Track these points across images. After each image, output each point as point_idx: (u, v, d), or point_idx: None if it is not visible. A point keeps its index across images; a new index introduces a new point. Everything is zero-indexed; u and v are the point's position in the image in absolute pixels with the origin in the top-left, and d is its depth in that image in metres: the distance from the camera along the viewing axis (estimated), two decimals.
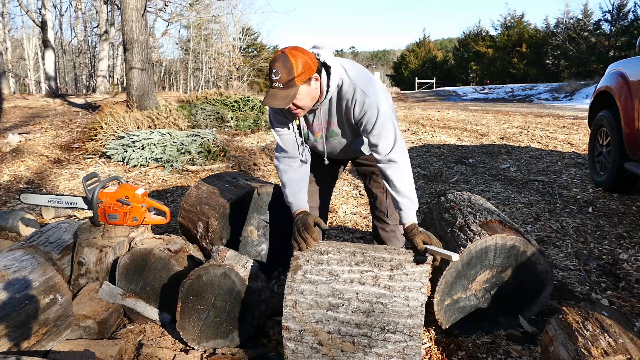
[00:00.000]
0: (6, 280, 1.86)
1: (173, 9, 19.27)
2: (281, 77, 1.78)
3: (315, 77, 1.86)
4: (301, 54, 1.81)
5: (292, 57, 1.79)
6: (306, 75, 1.81)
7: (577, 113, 11.98)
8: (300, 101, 1.86)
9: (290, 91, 1.81)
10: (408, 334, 1.63)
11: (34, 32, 28.36)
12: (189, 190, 3.01)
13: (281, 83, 1.79)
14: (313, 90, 1.88)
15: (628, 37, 26.19)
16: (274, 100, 1.81)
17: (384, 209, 2.32)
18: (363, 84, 1.93)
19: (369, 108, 1.91)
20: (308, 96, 1.87)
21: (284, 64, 1.78)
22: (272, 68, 1.80)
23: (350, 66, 2.00)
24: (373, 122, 1.93)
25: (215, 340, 2.03)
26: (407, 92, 31.99)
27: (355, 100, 1.92)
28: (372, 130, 1.95)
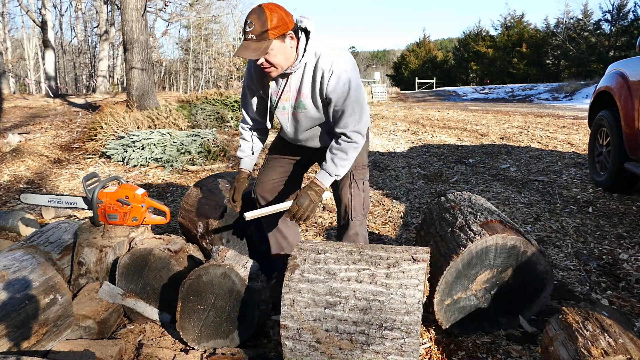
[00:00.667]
0: (6, 280, 1.86)
1: (173, 9, 19.29)
2: (254, 28, 1.77)
3: (291, 35, 1.84)
4: (278, 8, 1.80)
5: (267, 10, 1.78)
6: (280, 30, 1.80)
7: (577, 113, 11.99)
8: (274, 57, 1.84)
9: (263, 44, 1.79)
10: (405, 330, 1.63)
11: (34, 32, 28.37)
12: (189, 190, 3.01)
13: (254, 34, 1.78)
14: (287, 49, 1.86)
15: (628, 37, 26.20)
16: (245, 51, 1.80)
17: (349, 210, 2.29)
18: (342, 60, 1.92)
19: (343, 84, 1.90)
20: (282, 53, 1.85)
21: (258, 16, 1.77)
22: (247, 20, 1.80)
23: (332, 44, 1.99)
24: (344, 98, 1.92)
25: (215, 340, 2.03)
26: (407, 92, 31.98)
27: (332, 72, 1.89)
28: (339, 107, 1.94)
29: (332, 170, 2.01)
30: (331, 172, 2.01)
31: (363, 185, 2.28)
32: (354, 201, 2.27)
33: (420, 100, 23.41)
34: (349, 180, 2.24)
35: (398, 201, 4.29)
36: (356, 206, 2.27)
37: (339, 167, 2.01)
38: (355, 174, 2.24)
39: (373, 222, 3.76)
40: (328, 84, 1.91)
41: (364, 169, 2.27)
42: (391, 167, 5.69)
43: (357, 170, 2.24)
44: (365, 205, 2.31)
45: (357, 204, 2.27)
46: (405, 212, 3.99)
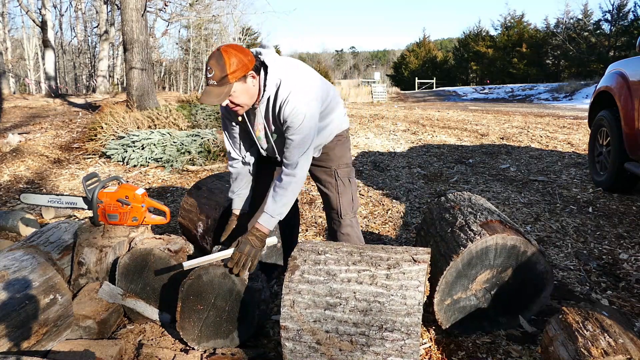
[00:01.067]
0: (6, 280, 1.86)
1: (173, 9, 19.27)
2: (214, 74, 1.80)
3: (252, 74, 1.87)
4: (235, 51, 1.82)
5: (225, 54, 1.80)
6: (240, 73, 1.82)
7: (577, 113, 11.99)
8: (237, 98, 1.88)
9: (224, 88, 1.83)
10: (406, 332, 1.63)
11: (34, 32, 28.36)
12: (189, 190, 3.01)
13: (215, 80, 1.81)
14: (250, 88, 1.89)
15: (628, 37, 26.18)
16: (208, 97, 1.83)
17: (337, 208, 2.30)
18: (300, 90, 1.93)
19: (297, 114, 1.92)
20: (245, 94, 1.88)
21: (217, 62, 1.80)
22: (207, 65, 1.83)
23: (293, 68, 2.00)
24: (295, 127, 1.93)
25: (215, 340, 2.03)
26: (407, 92, 31.99)
27: (287, 101, 1.92)
28: (290, 135, 1.96)
29: (274, 211, 1.99)
30: (273, 214, 1.99)
31: (349, 182, 2.30)
32: (341, 199, 2.28)
33: (420, 100, 23.41)
34: (334, 179, 2.27)
35: (398, 201, 4.29)
36: (344, 204, 2.29)
37: (280, 207, 1.99)
38: (339, 172, 2.26)
39: (373, 222, 3.76)
40: (284, 112, 1.94)
41: (347, 167, 2.30)
42: (391, 167, 5.69)
43: (341, 168, 2.27)
44: (354, 203, 2.33)
45: (345, 201, 2.29)
46: (405, 212, 3.99)
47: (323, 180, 2.31)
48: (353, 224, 2.34)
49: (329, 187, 2.30)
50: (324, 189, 2.32)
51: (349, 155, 2.32)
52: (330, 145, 2.24)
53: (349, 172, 2.31)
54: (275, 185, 2.02)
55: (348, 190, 2.29)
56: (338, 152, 2.27)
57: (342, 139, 2.28)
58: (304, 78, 2.00)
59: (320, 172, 2.31)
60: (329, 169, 2.28)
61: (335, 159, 2.26)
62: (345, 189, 2.28)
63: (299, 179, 2.00)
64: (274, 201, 1.99)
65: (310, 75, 2.05)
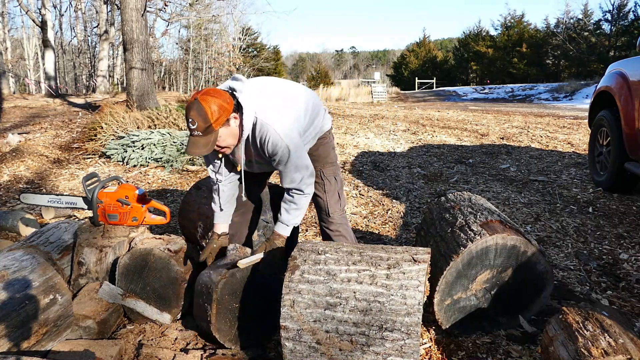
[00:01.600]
0: (6, 280, 1.86)
1: (173, 9, 19.27)
2: (198, 125, 1.80)
3: (234, 116, 1.89)
4: (213, 98, 1.83)
5: (204, 103, 1.80)
6: (223, 118, 1.84)
7: (577, 113, 11.99)
8: (223, 142, 1.91)
9: (210, 137, 1.84)
10: (406, 332, 1.63)
11: (34, 32, 28.35)
12: (189, 190, 3.01)
13: (199, 131, 1.82)
14: (234, 129, 1.91)
15: (628, 37, 26.19)
16: (196, 148, 1.85)
17: (325, 207, 2.34)
18: (276, 123, 1.94)
19: (280, 149, 1.95)
20: (230, 136, 1.91)
21: (198, 112, 1.80)
22: (188, 117, 1.82)
23: (267, 99, 2.00)
24: (285, 161, 1.98)
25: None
26: (407, 92, 31.98)
27: (267, 140, 1.94)
28: (283, 167, 2.01)
29: (288, 220, 2.11)
30: (288, 223, 2.11)
31: (335, 180, 2.32)
32: (329, 198, 2.32)
33: (420, 100, 23.41)
34: (320, 179, 2.29)
35: (398, 201, 4.29)
36: (331, 202, 2.32)
37: (294, 217, 2.11)
38: (324, 171, 2.29)
39: (373, 222, 3.76)
40: (267, 149, 1.98)
41: (333, 165, 2.32)
42: (391, 167, 5.69)
43: (327, 167, 2.29)
44: (341, 200, 2.36)
45: (333, 200, 2.32)
46: (405, 212, 3.99)
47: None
48: (342, 221, 2.38)
49: (315, 187, 2.31)
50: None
51: (333, 154, 2.35)
52: (313, 147, 2.26)
53: (334, 170, 2.33)
54: (287, 199, 2.10)
55: (334, 188, 2.32)
56: (322, 152, 2.29)
57: (325, 140, 2.29)
58: (278, 107, 2.01)
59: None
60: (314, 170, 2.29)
61: (320, 159, 2.28)
62: (332, 187, 2.31)
63: (307, 193, 2.09)
64: (287, 213, 2.10)
65: (283, 99, 2.06)
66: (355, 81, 42.42)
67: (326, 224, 2.37)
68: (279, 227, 2.12)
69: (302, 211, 2.13)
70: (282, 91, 2.11)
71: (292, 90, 2.13)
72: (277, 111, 1.99)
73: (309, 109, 2.13)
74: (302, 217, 2.17)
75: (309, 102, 2.15)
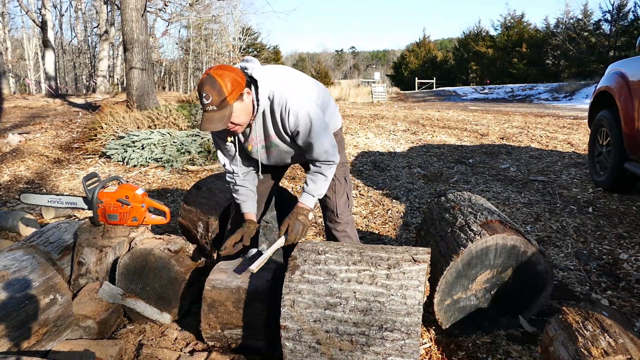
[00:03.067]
0: (6, 280, 1.86)
1: (173, 9, 19.25)
2: (212, 99, 1.77)
3: (247, 91, 1.87)
4: (227, 72, 1.81)
5: (218, 77, 1.78)
6: (237, 92, 1.81)
7: (577, 113, 11.99)
8: (237, 118, 1.87)
9: (225, 111, 1.81)
10: (406, 332, 1.63)
11: (34, 32, 28.36)
12: (189, 190, 3.01)
13: (214, 105, 1.78)
14: (247, 105, 1.89)
15: (628, 37, 26.18)
16: (210, 124, 1.81)
17: (333, 209, 2.32)
18: (294, 94, 1.94)
19: (303, 118, 1.93)
20: (243, 112, 1.88)
21: (212, 86, 1.77)
22: (201, 92, 1.79)
23: (281, 76, 2.00)
24: (308, 130, 1.95)
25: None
26: (407, 92, 31.98)
27: (288, 110, 1.92)
28: (307, 138, 1.98)
29: (314, 191, 2.07)
30: (314, 193, 2.07)
31: (345, 181, 2.32)
32: (338, 199, 2.30)
33: (420, 100, 23.41)
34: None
35: (398, 201, 4.29)
36: (340, 203, 2.31)
37: (320, 187, 2.08)
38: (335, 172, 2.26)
39: (373, 222, 3.76)
40: (289, 123, 1.95)
41: (343, 166, 2.31)
42: (391, 167, 5.69)
43: (338, 168, 2.27)
44: (350, 201, 2.35)
45: (342, 201, 2.31)
46: (405, 212, 3.99)
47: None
48: (349, 222, 2.37)
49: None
50: None
51: (343, 154, 2.34)
52: None
53: (344, 170, 2.32)
54: (312, 170, 2.07)
55: (344, 189, 2.31)
56: None
57: (336, 139, 2.28)
58: (295, 83, 2.01)
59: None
60: None
61: None
62: (342, 188, 2.30)
63: (335, 163, 2.07)
64: (314, 184, 2.06)
65: (299, 78, 2.06)
66: (355, 81, 42.44)
67: (333, 225, 2.36)
68: (304, 198, 2.07)
69: (329, 181, 2.09)
70: (294, 73, 2.10)
71: (302, 75, 2.13)
72: (295, 86, 1.98)
73: (320, 95, 2.12)
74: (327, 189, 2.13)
75: (320, 89, 2.15)
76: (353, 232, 2.40)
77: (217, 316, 1.96)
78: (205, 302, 1.96)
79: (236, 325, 1.95)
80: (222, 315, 1.96)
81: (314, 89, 2.09)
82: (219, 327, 1.97)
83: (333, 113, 2.25)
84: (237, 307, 1.94)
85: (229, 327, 1.96)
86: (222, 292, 1.96)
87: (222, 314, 1.95)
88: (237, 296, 1.94)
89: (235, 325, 1.95)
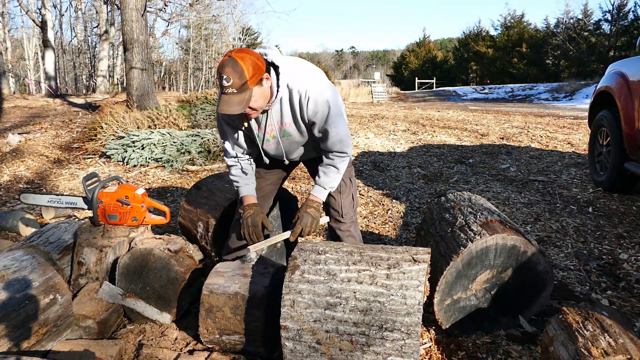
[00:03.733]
0: (6, 280, 1.86)
1: (173, 9, 19.26)
2: (233, 82, 1.77)
3: (266, 76, 1.87)
4: (249, 55, 1.81)
5: (240, 60, 1.77)
6: (257, 77, 1.81)
7: (577, 113, 11.99)
8: (255, 103, 1.87)
9: (245, 95, 1.80)
10: (406, 332, 1.63)
11: (34, 32, 28.36)
12: (189, 190, 3.01)
13: (234, 88, 1.78)
14: (266, 90, 1.89)
15: (628, 37, 26.18)
16: (228, 106, 1.80)
17: (338, 209, 2.32)
18: (314, 82, 1.95)
19: (322, 105, 1.93)
20: (262, 97, 1.88)
21: (234, 69, 1.76)
22: (222, 74, 1.77)
23: (299, 64, 2.01)
24: (325, 117, 1.96)
25: None
26: (407, 92, 31.98)
27: (308, 98, 1.92)
28: (324, 125, 1.98)
29: (327, 183, 2.08)
30: (326, 186, 2.08)
31: (350, 182, 2.31)
32: (343, 200, 2.30)
33: (420, 100, 23.42)
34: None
35: (398, 201, 4.29)
36: (345, 204, 2.31)
37: (332, 180, 2.08)
38: None
39: (373, 222, 3.76)
40: (307, 109, 1.94)
41: (349, 166, 2.30)
42: (391, 167, 5.69)
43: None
44: (355, 202, 2.35)
45: (347, 201, 2.31)
46: (405, 212, 3.99)
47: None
48: (354, 222, 2.37)
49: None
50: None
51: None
52: None
53: (350, 171, 2.32)
54: (325, 162, 2.08)
55: (349, 190, 2.31)
56: None
57: None
58: (313, 72, 2.02)
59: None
60: None
61: None
62: (347, 189, 2.30)
63: (348, 155, 2.08)
64: (326, 176, 2.07)
65: (314, 68, 2.08)
66: (355, 81, 42.43)
67: (337, 224, 2.36)
68: (316, 190, 2.08)
69: (341, 175, 2.10)
70: (308, 63, 2.11)
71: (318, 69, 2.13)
72: (313, 74, 1.99)
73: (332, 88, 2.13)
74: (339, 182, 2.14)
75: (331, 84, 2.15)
76: (357, 232, 2.40)
77: (214, 321, 1.95)
78: (203, 307, 1.96)
79: (234, 331, 1.94)
80: (220, 321, 1.95)
81: (326, 79, 2.09)
82: (217, 332, 1.96)
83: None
84: (235, 314, 1.92)
85: (226, 332, 1.95)
86: (219, 297, 1.95)
87: (220, 320, 1.94)
88: (235, 302, 1.93)
89: (233, 331, 1.94)
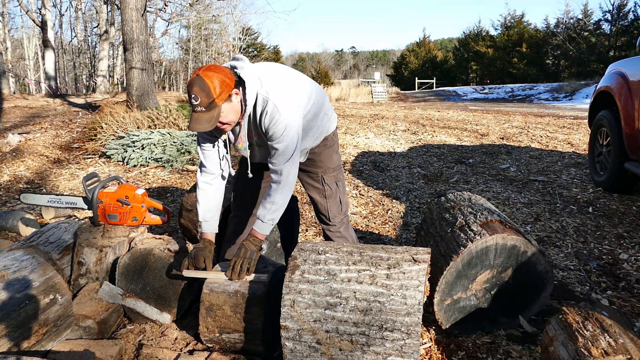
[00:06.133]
0: (6, 280, 1.86)
1: (173, 9, 19.26)
2: (201, 101, 1.79)
3: (235, 91, 1.87)
4: (216, 73, 1.82)
5: (207, 78, 1.79)
6: (225, 94, 1.82)
7: (577, 113, 11.99)
8: (225, 118, 1.89)
9: (214, 112, 1.82)
10: (406, 332, 1.63)
11: (34, 32, 28.36)
12: (189, 190, 3.01)
13: (203, 107, 1.80)
14: (236, 105, 1.90)
15: (628, 37, 26.18)
16: (198, 124, 1.82)
17: (325, 212, 2.33)
18: (278, 98, 1.92)
19: (277, 123, 1.92)
20: (232, 112, 1.89)
21: (201, 88, 1.78)
22: (191, 93, 1.80)
23: (270, 77, 1.98)
24: (277, 137, 1.93)
25: None
26: (407, 92, 31.98)
27: (266, 112, 1.92)
28: (274, 144, 1.96)
29: (263, 216, 1.99)
30: (263, 219, 1.99)
31: (337, 186, 2.30)
32: (329, 203, 2.30)
33: (420, 100, 23.42)
34: (320, 185, 2.28)
35: (398, 201, 4.29)
36: (332, 208, 2.31)
37: (270, 211, 1.98)
38: (325, 177, 2.27)
39: (373, 222, 3.76)
40: (264, 123, 1.95)
41: (334, 170, 2.30)
42: (391, 167, 5.69)
43: (328, 174, 2.27)
44: (343, 205, 2.34)
45: (334, 206, 2.31)
46: (405, 212, 3.99)
47: (310, 185, 2.32)
48: (344, 224, 2.37)
49: (316, 192, 2.31)
50: (311, 193, 2.34)
51: (336, 158, 2.31)
52: (316, 151, 2.23)
53: (336, 175, 2.31)
54: (266, 192, 2.03)
55: (335, 194, 2.30)
56: (324, 157, 2.26)
57: (328, 142, 2.26)
58: (282, 86, 1.98)
59: (307, 177, 2.31)
60: (315, 175, 2.28)
61: (322, 165, 2.26)
62: (333, 194, 2.30)
63: (286, 185, 1.99)
64: (264, 207, 1.99)
65: (288, 82, 2.03)
66: (355, 81, 42.43)
67: (326, 226, 2.38)
68: (255, 224, 2.01)
69: (280, 206, 1.99)
70: (286, 72, 2.08)
71: (296, 74, 2.11)
72: (280, 90, 1.96)
73: (312, 97, 2.08)
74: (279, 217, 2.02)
75: (313, 91, 2.10)
76: (348, 232, 2.39)
77: (215, 320, 1.95)
78: (203, 306, 1.96)
79: (234, 329, 1.94)
80: (220, 319, 1.95)
81: (303, 93, 2.04)
82: (217, 330, 1.96)
83: (326, 115, 2.21)
84: (235, 312, 1.93)
85: (227, 331, 1.95)
86: (219, 295, 1.95)
87: (220, 318, 1.95)
88: (235, 300, 1.93)
89: (233, 329, 1.94)
